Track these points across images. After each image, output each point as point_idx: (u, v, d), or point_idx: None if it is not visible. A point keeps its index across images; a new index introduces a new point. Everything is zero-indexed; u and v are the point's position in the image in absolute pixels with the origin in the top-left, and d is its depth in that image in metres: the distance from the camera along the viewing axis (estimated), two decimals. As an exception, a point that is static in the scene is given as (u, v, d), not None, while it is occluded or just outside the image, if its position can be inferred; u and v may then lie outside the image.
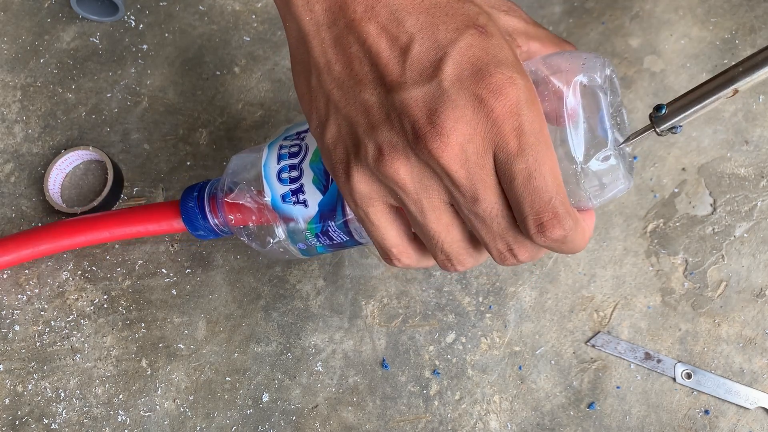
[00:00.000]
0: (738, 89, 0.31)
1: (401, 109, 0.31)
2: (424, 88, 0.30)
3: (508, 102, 0.30)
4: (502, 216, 0.32)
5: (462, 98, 0.30)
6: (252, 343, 0.51)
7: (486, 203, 0.31)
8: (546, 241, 0.32)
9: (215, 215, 0.45)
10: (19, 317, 0.52)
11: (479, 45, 0.31)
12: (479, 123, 0.30)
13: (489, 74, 0.30)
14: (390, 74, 0.31)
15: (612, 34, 0.56)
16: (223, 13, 0.59)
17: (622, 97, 0.55)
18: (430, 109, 0.30)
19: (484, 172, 0.31)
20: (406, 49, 0.31)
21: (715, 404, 0.48)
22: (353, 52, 0.32)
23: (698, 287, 0.50)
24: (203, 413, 0.49)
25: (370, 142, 0.32)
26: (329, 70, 0.32)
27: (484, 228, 0.33)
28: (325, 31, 0.32)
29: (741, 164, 0.53)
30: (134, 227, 0.47)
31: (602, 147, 0.32)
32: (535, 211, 0.31)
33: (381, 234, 0.35)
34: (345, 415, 0.49)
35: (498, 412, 0.49)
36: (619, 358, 0.49)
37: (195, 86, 0.57)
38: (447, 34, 0.31)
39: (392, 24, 0.31)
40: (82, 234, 0.48)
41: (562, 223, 0.31)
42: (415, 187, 0.32)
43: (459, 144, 0.30)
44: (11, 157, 0.56)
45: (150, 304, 0.52)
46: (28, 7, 0.60)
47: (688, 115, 0.32)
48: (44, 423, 0.49)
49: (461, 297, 0.51)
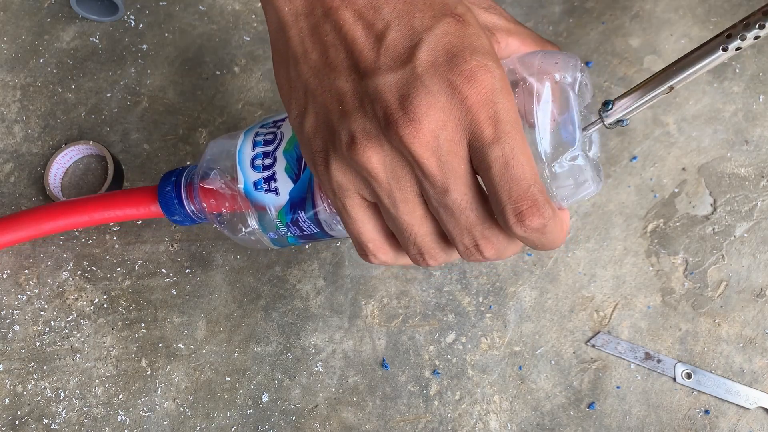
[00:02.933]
0: (673, 86, 0.33)
1: (374, 95, 0.30)
2: (397, 74, 0.30)
3: (483, 89, 0.29)
4: (471, 209, 0.31)
5: (436, 84, 0.29)
6: (252, 343, 0.51)
7: (455, 194, 0.31)
8: (525, 231, 0.31)
9: (191, 201, 0.45)
10: (19, 317, 0.52)
11: (455, 32, 0.30)
12: (453, 109, 0.29)
13: (464, 60, 0.29)
14: (364, 60, 0.30)
15: (612, 34, 0.56)
16: (223, 12, 0.59)
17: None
18: (402, 95, 0.29)
19: (456, 161, 0.30)
20: (381, 36, 0.30)
21: (715, 404, 0.48)
22: (329, 40, 0.32)
23: (698, 287, 0.50)
24: (203, 413, 0.49)
25: (344, 130, 0.31)
26: (306, 59, 0.32)
27: (451, 220, 0.32)
28: (303, 20, 0.32)
29: (741, 164, 0.53)
30: (113, 211, 0.47)
31: (570, 147, 0.32)
32: (513, 199, 0.30)
33: (357, 227, 0.34)
34: (345, 415, 0.49)
35: (498, 412, 0.49)
36: (619, 358, 0.49)
37: (195, 86, 0.57)
38: (423, 21, 0.30)
39: (369, 11, 0.31)
40: (61, 218, 0.48)
41: (542, 211, 0.30)
42: (387, 177, 0.31)
43: (431, 131, 0.29)
44: (11, 157, 0.56)
45: (150, 304, 0.52)
46: (28, 7, 0.60)
47: (631, 111, 0.34)
48: (44, 423, 0.49)
49: (461, 297, 0.51)
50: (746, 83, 0.55)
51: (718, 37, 0.32)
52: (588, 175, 0.33)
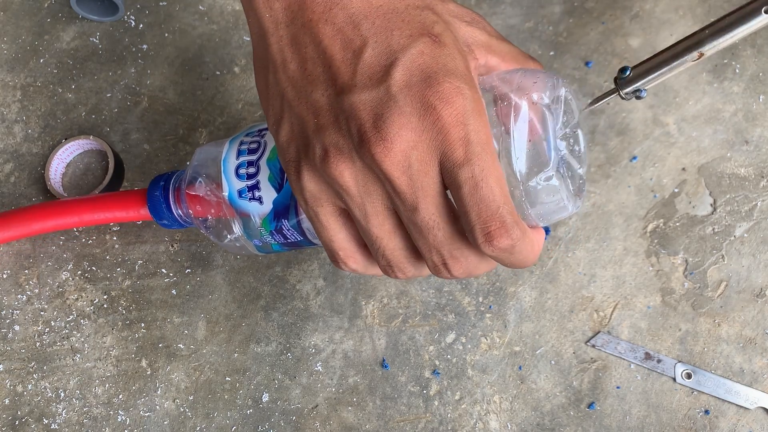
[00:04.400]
0: (704, 53, 0.31)
1: (349, 112, 0.31)
2: (372, 93, 0.30)
3: (455, 111, 0.30)
4: (438, 228, 0.32)
5: (408, 105, 0.30)
6: (252, 343, 0.51)
7: (424, 213, 0.31)
8: (494, 251, 0.31)
9: (179, 206, 0.45)
10: (19, 317, 0.52)
11: (430, 53, 0.31)
12: (425, 130, 0.30)
13: (437, 82, 0.30)
14: (341, 77, 0.31)
15: (612, 34, 0.56)
16: (223, 13, 0.59)
17: (616, 103, 0.55)
18: (376, 114, 0.30)
19: (426, 180, 0.31)
20: (358, 53, 0.31)
21: (715, 404, 0.48)
22: (308, 53, 0.32)
23: (698, 287, 0.50)
24: (203, 413, 0.49)
25: (318, 143, 0.32)
26: (285, 68, 0.33)
27: (421, 238, 0.32)
28: (284, 29, 0.33)
29: (741, 164, 0.53)
30: (103, 213, 0.48)
31: (545, 167, 0.32)
32: (482, 220, 0.31)
33: (329, 235, 0.35)
34: (345, 415, 0.49)
35: (498, 412, 0.49)
36: (619, 358, 0.49)
37: (195, 86, 0.57)
38: (400, 40, 0.31)
39: (348, 27, 0.31)
40: (51, 219, 0.48)
41: (510, 233, 0.31)
42: (359, 191, 0.32)
43: (402, 150, 0.30)
44: (11, 157, 0.56)
45: (150, 304, 0.52)
46: (28, 7, 0.60)
47: (652, 79, 0.32)
48: (44, 423, 0.49)
49: (461, 297, 0.51)
50: (746, 83, 0.55)
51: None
52: (563, 195, 0.33)
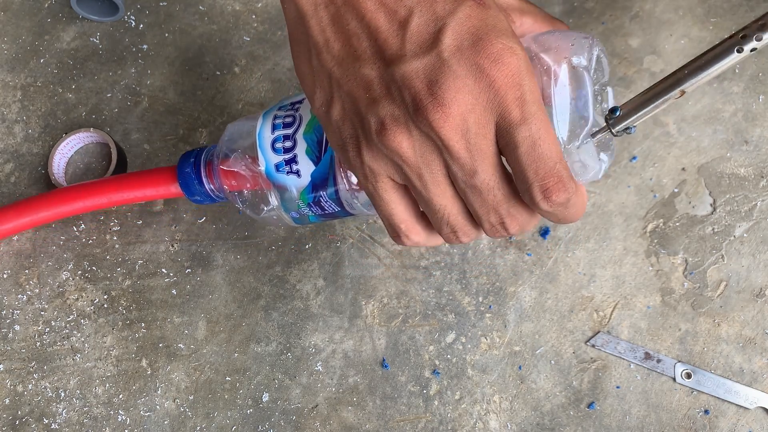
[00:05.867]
0: (685, 90, 0.32)
1: (401, 81, 0.31)
2: (424, 60, 0.30)
3: (510, 71, 0.30)
4: (498, 188, 0.32)
5: (462, 68, 0.30)
6: (252, 343, 0.51)
7: (483, 174, 0.32)
8: (551, 206, 0.32)
9: (211, 181, 0.45)
10: (19, 317, 0.52)
11: (477, 15, 0.31)
12: (481, 92, 0.30)
13: (489, 43, 0.30)
14: (389, 48, 0.31)
15: (612, 34, 0.56)
16: (223, 13, 0.59)
17: (622, 97, 0.55)
18: (430, 81, 0.30)
19: (484, 143, 0.31)
20: (404, 23, 0.31)
21: (715, 404, 0.48)
22: (352, 29, 0.32)
23: (698, 287, 0.50)
24: (203, 413, 0.49)
25: (373, 117, 0.32)
26: (328, 48, 0.33)
27: (478, 200, 0.33)
28: (323, 9, 0.33)
29: (741, 164, 0.53)
30: (132, 192, 0.47)
31: (584, 128, 0.33)
32: (540, 176, 0.31)
33: (390, 209, 0.35)
34: (345, 415, 0.49)
35: (498, 411, 0.49)
36: (619, 358, 0.49)
37: (195, 86, 0.57)
38: (445, 6, 0.31)
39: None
40: (80, 200, 0.47)
41: (567, 187, 0.31)
42: (417, 161, 0.32)
43: (460, 114, 0.30)
44: (11, 157, 0.56)
45: (150, 303, 0.52)
46: (28, 7, 0.60)
47: (640, 116, 0.33)
48: (44, 423, 0.49)
49: (461, 297, 0.51)
50: (746, 83, 0.55)
51: (732, 38, 0.30)
52: (597, 156, 0.34)
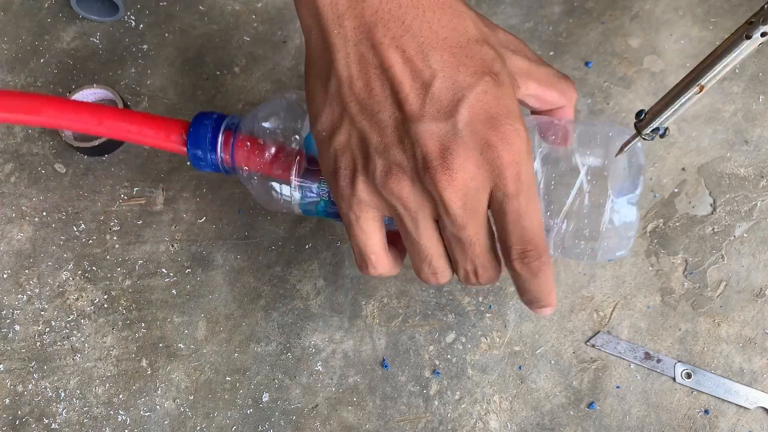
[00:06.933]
0: (703, 85, 0.33)
1: (416, 138, 0.33)
2: (440, 125, 0.33)
3: (513, 151, 0.33)
4: (479, 243, 0.36)
5: (473, 141, 0.33)
6: (252, 343, 0.51)
7: (470, 231, 0.35)
8: (523, 268, 0.36)
9: (225, 150, 0.43)
10: (19, 317, 0.52)
11: (492, 93, 0.34)
12: (484, 165, 0.33)
13: (500, 123, 0.33)
14: (410, 104, 0.33)
15: (612, 34, 0.56)
16: (223, 13, 0.59)
17: (621, 97, 0.55)
18: (443, 146, 0.33)
19: (478, 205, 0.35)
20: (428, 84, 0.33)
21: (715, 404, 0.48)
22: (377, 74, 0.34)
23: (698, 287, 0.50)
24: (203, 413, 0.49)
25: (380, 160, 0.34)
26: (351, 84, 0.34)
27: (460, 250, 0.37)
28: (352, 47, 0.34)
29: (741, 164, 0.53)
30: (131, 125, 0.44)
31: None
32: (522, 242, 0.35)
33: (366, 240, 0.38)
34: (345, 415, 0.49)
35: (498, 411, 0.49)
36: (619, 358, 0.49)
37: (195, 86, 0.57)
38: (466, 78, 0.33)
39: (418, 57, 0.33)
40: (75, 112, 0.44)
41: (541, 255, 0.36)
42: (414, 205, 0.35)
43: (463, 181, 0.33)
44: (11, 157, 0.56)
45: (150, 303, 0.52)
46: (28, 7, 0.60)
47: (665, 117, 0.35)
48: (44, 423, 0.49)
49: (461, 297, 0.51)
50: (746, 83, 0.55)
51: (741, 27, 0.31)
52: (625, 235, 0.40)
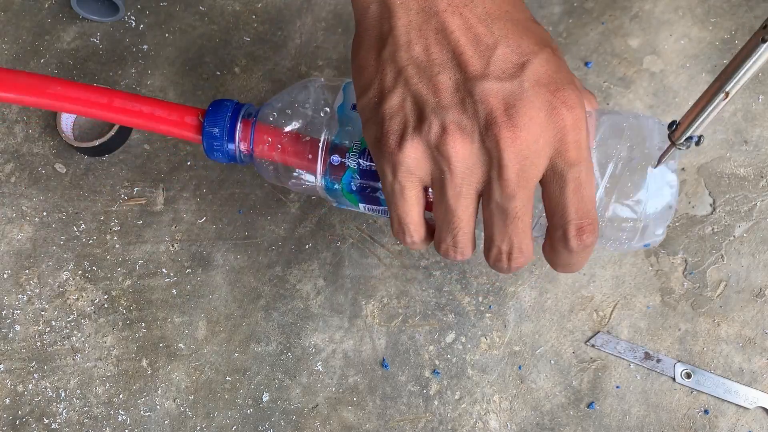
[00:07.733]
0: (728, 92, 0.34)
1: (480, 96, 0.33)
2: (506, 84, 0.33)
3: (576, 116, 0.33)
4: (522, 220, 0.35)
5: (539, 101, 0.33)
6: (252, 343, 0.51)
7: (519, 201, 0.34)
8: (579, 245, 0.35)
9: (243, 139, 0.42)
10: (20, 317, 0.52)
11: (555, 62, 0.34)
12: (548, 127, 0.33)
13: (564, 88, 0.33)
14: (472, 65, 0.33)
15: (612, 34, 0.56)
16: (223, 13, 0.59)
17: (621, 97, 0.55)
18: (507, 103, 0.33)
19: (534, 173, 0.33)
20: (491, 48, 0.34)
21: (715, 404, 0.48)
22: (437, 39, 0.34)
23: (698, 287, 0.50)
24: (203, 413, 0.49)
25: (437, 120, 0.33)
26: (408, 48, 0.34)
27: (500, 223, 0.35)
28: (414, 14, 0.35)
29: (740, 164, 0.53)
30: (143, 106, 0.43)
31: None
32: (579, 216, 0.34)
33: (406, 208, 0.37)
34: (345, 415, 0.49)
35: (498, 411, 0.49)
36: (619, 358, 0.49)
37: (195, 86, 0.57)
38: (530, 45, 0.34)
39: (481, 25, 0.34)
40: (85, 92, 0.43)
41: (595, 232, 0.35)
42: (463, 169, 0.34)
43: (526, 140, 0.33)
44: (11, 157, 0.56)
45: (150, 303, 0.52)
46: (29, 7, 0.60)
47: (697, 125, 0.35)
48: (44, 423, 0.50)
49: (461, 297, 0.51)
50: (746, 83, 0.55)
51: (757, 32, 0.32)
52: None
